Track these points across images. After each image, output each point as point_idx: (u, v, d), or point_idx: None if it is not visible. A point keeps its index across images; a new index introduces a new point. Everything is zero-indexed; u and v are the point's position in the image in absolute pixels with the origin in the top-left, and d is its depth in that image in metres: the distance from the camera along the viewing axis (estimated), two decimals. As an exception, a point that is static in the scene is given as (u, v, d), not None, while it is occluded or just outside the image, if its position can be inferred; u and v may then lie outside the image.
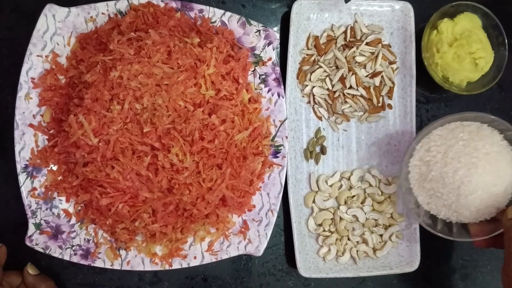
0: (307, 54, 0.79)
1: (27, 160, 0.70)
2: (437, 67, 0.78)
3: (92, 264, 0.71)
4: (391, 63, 0.80)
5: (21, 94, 0.70)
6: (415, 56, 0.79)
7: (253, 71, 0.75)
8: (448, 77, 0.78)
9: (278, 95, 0.74)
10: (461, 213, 0.69)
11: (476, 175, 0.67)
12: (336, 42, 0.79)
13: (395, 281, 0.81)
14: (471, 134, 0.69)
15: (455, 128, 0.70)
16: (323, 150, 0.79)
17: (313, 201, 0.78)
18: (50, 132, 0.71)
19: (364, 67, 0.79)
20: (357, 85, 0.78)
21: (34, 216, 0.70)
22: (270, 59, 0.74)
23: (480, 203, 0.68)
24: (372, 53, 0.79)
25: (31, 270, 0.71)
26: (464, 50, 0.76)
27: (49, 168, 0.71)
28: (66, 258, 0.70)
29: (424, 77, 0.79)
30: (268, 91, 0.74)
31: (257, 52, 0.74)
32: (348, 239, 0.78)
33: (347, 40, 0.79)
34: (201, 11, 0.73)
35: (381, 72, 0.79)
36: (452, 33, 0.77)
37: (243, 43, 0.74)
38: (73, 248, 0.71)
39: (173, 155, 0.66)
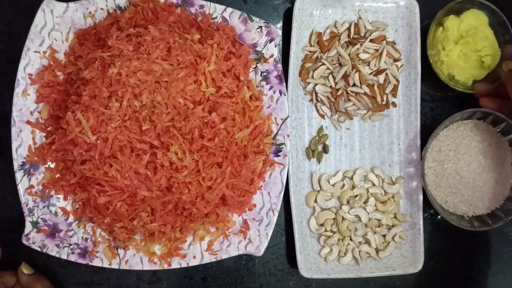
0: (309, 51, 0.78)
1: (24, 158, 0.69)
2: (442, 65, 0.77)
3: (89, 263, 0.70)
4: (395, 60, 0.79)
5: (18, 90, 0.69)
6: (420, 53, 0.78)
7: (254, 68, 0.74)
8: (454, 75, 0.77)
9: (280, 92, 0.73)
10: (476, 205, 0.77)
11: (486, 165, 0.76)
12: (339, 39, 0.78)
13: (398, 282, 0.80)
14: (472, 130, 0.77)
15: (457, 127, 0.77)
16: (325, 149, 0.78)
17: (315, 201, 0.78)
18: (48, 129, 0.71)
19: (368, 65, 0.78)
20: (360, 83, 0.77)
21: (31, 214, 0.69)
22: (272, 56, 0.73)
23: (491, 192, 0.77)
24: (376, 50, 0.78)
25: (25, 269, 0.71)
26: (470, 47, 0.76)
27: (47, 166, 0.70)
28: (64, 257, 0.69)
29: (429, 75, 0.78)
30: (270, 88, 0.73)
31: (258, 48, 0.73)
32: (350, 239, 0.78)
33: (351, 37, 0.78)
34: (201, 6, 0.72)
35: (385, 69, 0.78)
36: (458, 30, 0.77)
37: (245, 39, 0.73)
38: (71, 246, 0.70)
39: (172, 154, 0.65)
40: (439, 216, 0.81)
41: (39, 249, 0.69)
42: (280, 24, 0.80)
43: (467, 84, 0.78)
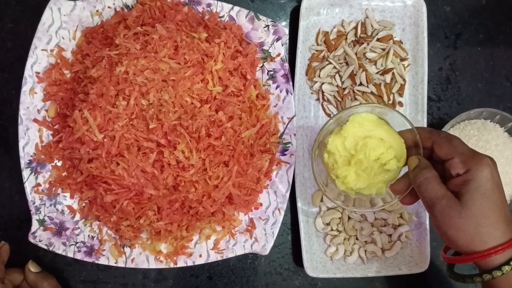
0: (316, 50, 0.78)
1: (31, 156, 0.69)
2: (347, 193, 0.65)
3: (96, 261, 0.70)
4: (402, 59, 0.78)
5: (25, 88, 0.69)
6: (427, 53, 0.77)
7: (261, 67, 0.73)
8: (363, 193, 0.64)
9: (287, 91, 0.73)
10: None
11: None
12: (346, 38, 0.78)
13: (404, 282, 0.80)
14: (479, 130, 0.76)
15: (464, 126, 0.77)
16: (331, 148, 0.78)
17: (321, 200, 0.77)
18: (55, 127, 0.71)
19: (375, 64, 0.78)
20: (367, 82, 0.76)
21: (37, 212, 0.69)
22: (278, 55, 0.73)
23: None
24: (383, 50, 0.78)
25: (32, 267, 0.71)
26: (365, 163, 0.62)
27: (54, 164, 0.70)
28: (70, 255, 0.69)
29: (436, 74, 0.78)
30: (277, 87, 0.73)
31: (265, 47, 0.73)
32: (356, 238, 0.77)
33: (358, 36, 0.78)
34: (209, 5, 0.72)
35: (392, 69, 0.77)
36: (345, 149, 0.63)
37: (252, 38, 0.73)
38: (77, 245, 0.70)
39: (179, 152, 0.65)
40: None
41: (45, 247, 0.69)
42: (287, 23, 0.80)
43: (381, 193, 0.64)
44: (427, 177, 0.56)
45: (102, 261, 0.70)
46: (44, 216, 0.70)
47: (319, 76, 0.77)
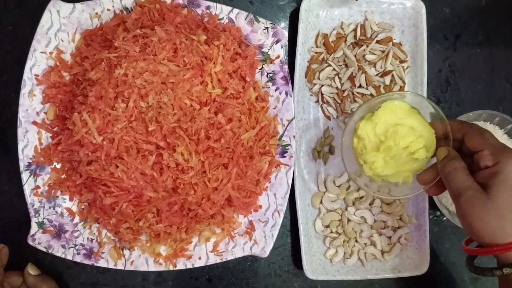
0: (316, 52, 0.78)
1: (30, 158, 0.69)
2: (373, 179, 0.67)
3: (95, 264, 0.70)
4: (402, 61, 0.78)
5: (24, 91, 0.69)
6: (427, 54, 0.77)
7: (260, 69, 0.73)
8: (389, 180, 0.66)
9: (286, 93, 0.73)
10: None
11: None
12: (345, 40, 0.78)
13: (403, 284, 0.80)
14: None
15: None
16: (331, 150, 0.78)
17: (321, 202, 0.77)
18: (54, 129, 0.71)
19: (374, 66, 0.78)
20: (366, 84, 0.76)
21: (37, 215, 0.69)
22: (278, 57, 0.73)
23: None
24: (383, 52, 0.77)
25: (31, 270, 0.71)
26: (394, 151, 0.64)
27: (53, 166, 0.70)
28: (69, 257, 0.69)
29: (435, 76, 0.77)
30: (276, 89, 0.73)
31: (265, 49, 0.73)
32: (356, 241, 0.77)
33: (357, 38, 0.78)
34: (208, 7, 0.72)
35: (392, 71, 0.77)
36: (375, 135, 0.65)
37: (251, 40, 0.73)
38: (76, 247, 0.70)
39: (178, 154, 0.65)
40: (444, 218, 0.80)
41: (45, 250, 0.69)
42: (286, 25, 0.80)
43: (408, 182, 0.66)
44: (456, 167, 0.57)
45: (102, 263, 0.70)
46: (43, 218, 0.69)
47: (319, 78, 0.77)
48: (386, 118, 0.64)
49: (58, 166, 0.71)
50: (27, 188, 0.69)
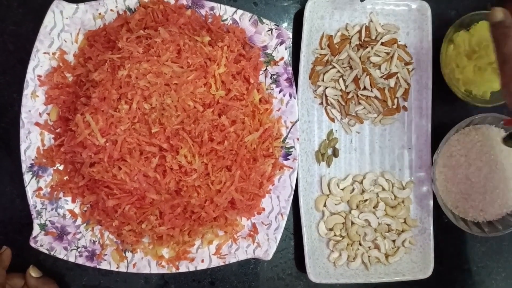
0: (320, 54, 0.78)
1: (32, 159, 0.69)
2: (458, 82, 0.76)
3: (97, 266, 0.69)
4: (407, 64, 0.78)
5: (27, 92, 0.69)
6: (432, 57, 0.77)
7: (264, 70, 0.73)
8: (471, 90, 0.77)
9: (290, 95, 0.73)
10: (486, 211, 0.76)
11: (497, 170, 0.76)
12: (350, 41, 0.78)
13: (407, 287, 0.79)
14: (484, 135, 0.76)
15: (469, 132, 0.77)
16: (335, 153, 0.78)
17: (324, 205, 0.77)
18: (57, 131, 0.70)
19: (379, 68, 0.77)
20: (371, 86, 0.76)
21: (39, 217, 0.69)
22: (282, 58, 0.72)
23: (502, 197, 0.76)
24: (388, 54, 0.77)
25: (33, 272, 0.70)
26: (484, 61, 0.74)
27: (55, 168, 0.70)
28: (71, 259, 0.69)
29: (440, 79, 0.77)
30: (280, 91, 0.73)
31: (268, 51, 0.72)
32: (360, 244, 0.77)
33: (362, 40, 0.77)
34: (212, 8, 0.71)
35: (397, 73, 0.77)
36: (470, 45, 0.75)
37: (255, 42, 0.73)
38: (79, 249, 0.70)
39: (181, 157, 0.64)
40: (449, 221, 0.80)
41: (47, 252, 0.68)
42: (290, 26, 0.79)
43: (485, 97, 0.76)
44: (509, 33, 0.57)
45: (104, 266, 0.70)
46: (46, 220, 0.69)
47: (323, 80, 0.77)
48: (483, 33, 0.74)
49: (61, 167, 0.70)
50: (29, 190, 0.69)
